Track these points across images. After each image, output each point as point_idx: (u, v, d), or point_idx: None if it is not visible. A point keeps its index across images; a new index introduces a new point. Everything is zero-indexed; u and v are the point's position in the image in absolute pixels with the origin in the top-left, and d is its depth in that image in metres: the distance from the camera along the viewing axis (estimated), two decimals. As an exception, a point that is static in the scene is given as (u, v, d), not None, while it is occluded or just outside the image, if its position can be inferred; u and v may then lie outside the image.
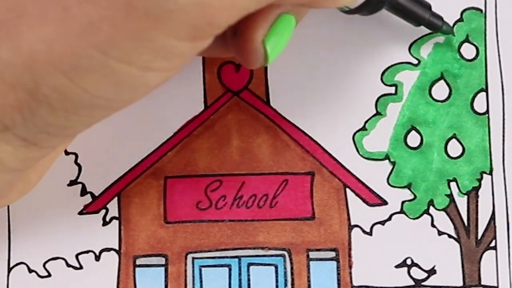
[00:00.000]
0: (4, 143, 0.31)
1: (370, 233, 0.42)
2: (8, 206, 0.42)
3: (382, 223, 0.42)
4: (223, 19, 0.29)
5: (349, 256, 0.42)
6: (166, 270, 0.42)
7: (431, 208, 0.42)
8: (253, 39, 0.33)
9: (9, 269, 0.42)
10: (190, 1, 0.28)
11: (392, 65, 0.43)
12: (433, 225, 0.42)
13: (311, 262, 0.42)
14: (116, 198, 0.42)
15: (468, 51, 0.43)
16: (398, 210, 0.42)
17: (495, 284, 0.41)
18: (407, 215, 0.42)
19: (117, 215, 0.42)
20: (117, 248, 0.42)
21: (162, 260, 0.42)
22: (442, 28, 0.42)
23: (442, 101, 0.43)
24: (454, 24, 0.43)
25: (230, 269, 0.42)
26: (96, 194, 0.42)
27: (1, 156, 0.32)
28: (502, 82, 0.43)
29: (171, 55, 0.30)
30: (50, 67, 0.29)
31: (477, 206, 0.42)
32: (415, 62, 0.43)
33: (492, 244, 0.42)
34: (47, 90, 0.30)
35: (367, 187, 0.42)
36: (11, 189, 0.36)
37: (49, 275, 0.42)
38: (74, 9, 0.28)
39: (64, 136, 0.33)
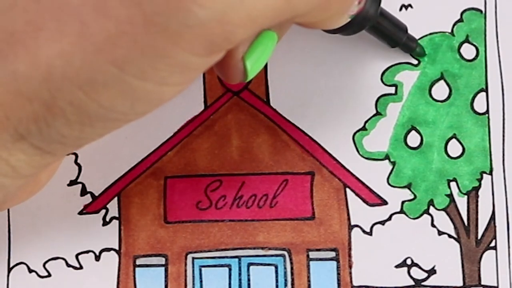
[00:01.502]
0: (19, 152, 0.31)
1: (370, 233, 0.42)
2: (8, 206, 0.42)
3: (382, 223, 0.42)
4: (240, 35, 0.29)
5: (349, 256, 0.42)
6: (166, 270, 0.42)
7: (431, 208, 0.42)
8: (233, 55, 0.32)
9: (9, 269, 0.42)
10: (211, 17, 0.28)
11: (392, 65, 0.43)
12: (433, 225, 0.42)
13: (311, 262, 0.42)
14: (116, 198, 0.42)
15: (468, 51, 0.43)
16: (398, 210, 0.42)
17: (495, 284, 0.41)
18: (407, 215, 0.42)
19: (117, 215, 0.42)
20: (117, 248, 0.42)
21: (162, 260, 0.42)
22: (416, 50, 0.42)
23: (442, 101, 0.43)
24: (454, 24, 0.43)
25: (230, 269, 0.42)
26: (96, 194, 0.42)
27: (15, 164, 0.32)
28: (502, 82, 0.43)
29: (187, 70, 0.30)
30: (67, 81, 0.29)
31: (477, 206, 0.42)
32: (415, 62, 0.43)
33: (492, 244, 0.42)
34: (63, 104, 0.30)
35: (367, 187, 0.42)
36: (22, 191, 0.36)
37: (49, 275, 0.42)
38: (92, 23, 0.28)
39: (77, 146, 0.33)
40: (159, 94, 0.30)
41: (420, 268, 0.42)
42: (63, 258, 0.42)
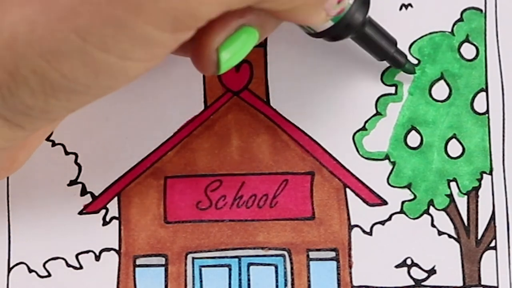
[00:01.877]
0: None
1: (370, 233, 0.42)
2: (8, 206, 0.42)
3: (382, 223, 0.42)
4: (206, 12, 0.29)
5: (349, 256, 0.42)
6: (166, 270, 0.42)
7: (431, 208, 0.42)
8: (207, 44, 0.32)
9: (9, 269, 0.42)
10: None
11: (392, 65, 0.43)
12: (433, 225, 0.42)
13: (311, 262, 0.42)
14: (116, 198, 0.42)
15: (468, 51, 0.43)
16: (398, 210, 0.42)
17: (495, 284, 0.41)
18: (407, 215, 0.42)
19: (117, 215, 0.42)
20: (117, 248, 0.42)
21: (162, 260, 0.42)
22: (405, 66, 0.42)
23: (442, 101, 0.43)
24: (454, 23, 0.43)
25: (230, 269, 0.42)
26: (96, 194, 0.42)
27: None
28: (502, 82, 0.43)
29: (150, 46, 0.29)
30: (30, 48, 0.29)
31: (477, 206, 0.42)
32: (415, 62, 0.43)
33: (492, 244, 0.42)
34: (26, 72, 0.30)
35: (367, 187, 0.42)
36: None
37: (49, 275, 0.42)
38: None
39: (47, 120, 0.32)
40: (122, 69, 0.30)
41: (420, 268, 0.42)
42: (63, 258, 0.42)
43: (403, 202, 0.42)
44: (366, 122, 0.43)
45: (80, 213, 0.42)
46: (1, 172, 0.37)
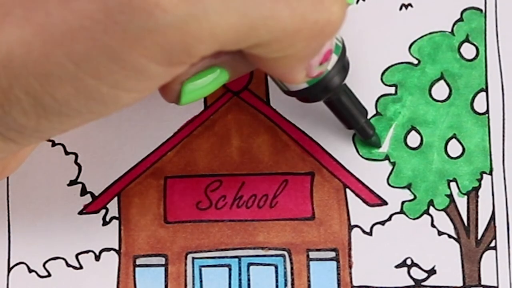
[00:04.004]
0: None
1: (370, 233, 0.42)
2: (8, 206, 0.42)
3: (382, 223, 0.42)
4: (201, 50, 0.29)
5: (349, 256, 0.42)
6: (166, 270, 0.42)
7: (431, 208, 0.42)
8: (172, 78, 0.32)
9: (9, 269, 0.42)
10: (172, 24, 0.28)
11: (392, 65, 0.43)
12: (433, 225, 0.42)
13: (311, 262, 0.42)
14: (116, 198, 0.42)
15: (468, 51, 0.43)
16: (398, 210, 0.42)
17: (495, 284, 0.41)
18: (407, 215, 0.42)
19: (117, 215, 0.42)
20: (117, 248, 0.42)
21: (162, 260, 0.42)
22: (371, 138, 0.41)
23: (442, 101, 0.43)
24: (454, 23, 0.43)
25: (230, 269, 0.42)
26: (96, 194, 0.42)
27: None
28: (502, 82, 0.43)
29: (143, 77, 0.29)
30: (24, 69, 0.29)
31: (477, 206, 0.42)
32: (415, 62, 0.43)
33: (492, 244, 0.42)
34: (19, 92, 0.30)
35: (367, 187, 0.42)
36: None
37: (49, 275, 0.42)
38: (55, 14, 0.28)
39: (39, 138, 0.33)
40: (114, 98, 0.30)
41: (420, 268, 0.42)
42: (63, 258, 0.42)
43: (403, 202, 0.42)
44: (366, 122, 0.43)
45: (80, 213, 0.42)
46: None
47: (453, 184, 0.42)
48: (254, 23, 0.29)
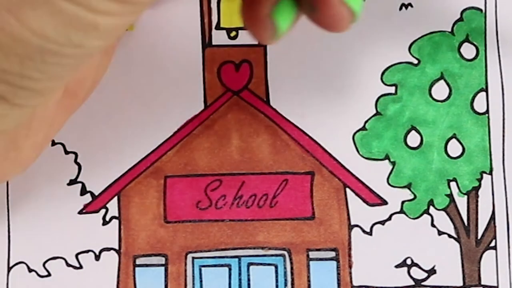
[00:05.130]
0: None
1: (370, 233, 0.42)
2: (8, 206, 0.42)
3: (382, 223, 0.42)
4: None
5: (349, 256, 0.42)
6: (166, 270, 0.42)
7: (431, 208, 0.42)
8: (259, 10, 0.31)
9: (9, 269, 0.42)
10: None
11: (392, 65, 0.43)
12: (433, 225, 0.42)
13: (311, 262, 0.42)
14: (116, 198, 0.42)
15: (468, 51, 0.43)
16: (398, 210, 0.42)
17: (495, 284, 0.41)
18: (407, 215, 0.42)
19: (117, 215, 0.42)
20: (117, 247, 0.42)
21: (162, 260, 0.42)
22: None
23: (442, 101, 0.43)
24: (454, 23, 0.43)
25: (230, 269, 0.42)
26: (96, 194, 0.42)
27: None
28: (502, 82, 0.43)
29: None
30: None
31: (477, 206, 0.42)
32: (415, 62, 0.43)
33: (492, 244, 0.42)
34: None
35: (367, 187, 0.42)
36: (3, 158, 0.35)
37: (49, 274, 0.42)
38: None
39: (32, 91, 0.31)
40: (93, 22, 0.29)
41: (420, 268, 0.42)
42: (63, 258, 0.42)
43: (403, 202, 0.42)
44: (366, 122, 0.43)
45: (80, 212, 0.42)
46: (5, 164, 0.36)
47: (453, 184, 0.42)
48: None
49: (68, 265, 0.42)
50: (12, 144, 0.35)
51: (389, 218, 0.42)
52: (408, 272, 0.42)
